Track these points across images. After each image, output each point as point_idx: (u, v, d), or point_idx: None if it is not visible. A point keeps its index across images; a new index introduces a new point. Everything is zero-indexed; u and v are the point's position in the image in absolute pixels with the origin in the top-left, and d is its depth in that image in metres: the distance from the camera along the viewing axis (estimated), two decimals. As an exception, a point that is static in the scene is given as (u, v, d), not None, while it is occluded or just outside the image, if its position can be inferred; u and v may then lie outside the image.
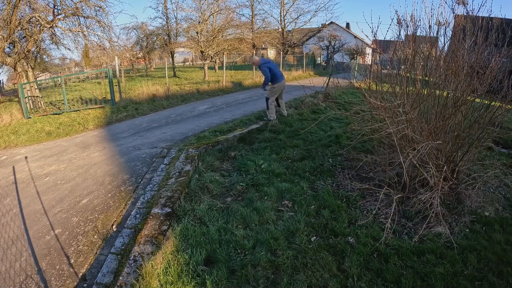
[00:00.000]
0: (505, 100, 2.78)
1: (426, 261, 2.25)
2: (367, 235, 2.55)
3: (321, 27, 26.47)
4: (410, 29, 3.15)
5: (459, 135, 2.89)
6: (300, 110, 7.44)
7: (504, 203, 3.07)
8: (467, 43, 2.91)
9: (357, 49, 24.09)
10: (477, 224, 2.70)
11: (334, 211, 2.93)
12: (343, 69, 7.64)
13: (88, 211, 3.36)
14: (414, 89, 2.98)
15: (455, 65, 2.68)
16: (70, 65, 29.48)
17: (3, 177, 4.58)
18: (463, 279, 2.07)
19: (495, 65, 2.71)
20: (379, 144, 3.83)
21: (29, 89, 9.46)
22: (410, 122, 2.85)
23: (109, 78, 9.75)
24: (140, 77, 20.96)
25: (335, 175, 3.75)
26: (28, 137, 7.07)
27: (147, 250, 2.46)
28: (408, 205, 2.87)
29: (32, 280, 2.37)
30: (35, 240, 2.90)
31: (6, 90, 20.26)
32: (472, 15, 3.06)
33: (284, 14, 24.18)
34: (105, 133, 6.99)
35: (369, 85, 3.12)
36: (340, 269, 2.21)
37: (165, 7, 20.72)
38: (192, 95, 11.62)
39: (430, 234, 2.54)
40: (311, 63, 22.89)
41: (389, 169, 3.28)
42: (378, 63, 3.87)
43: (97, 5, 10.17)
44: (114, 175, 4.31)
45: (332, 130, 5.72)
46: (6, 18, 8.66)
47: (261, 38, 22.76)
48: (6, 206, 3.63)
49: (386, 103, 3.04)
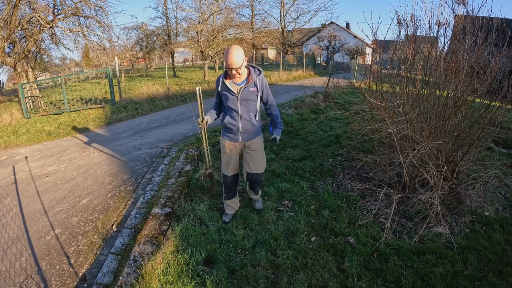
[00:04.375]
0: (505, 100, 2.78)
1: (426, 261, 2.25)
2: (367, 235, 2.55)
3: (321, 27, 26.48)
4: (410, 29, 3.15)
5: (459, 135, 2.89)
6: (300, 110, 7.44)
7: (504, 203, 3.07)
8: (467, 43, 2.91)
9: (357, 49, 24.09)
10: (477, 224, 2.70)
11: (334, 211, 2.93)
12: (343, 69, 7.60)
13: (88, 211, 3.36)
14: (414, 89, 2.98)
15: (455, 65, 2.68)
16: (70, 65, 29.48)
17: (3, 177, 4.57)
18: (463, 279, 2.07)
19: (495, 65, 2.70)
20: (379, 144, 3.83)
21: (29, 89, 9.46)
22: (410, 122, 2.85)
23: (109, 78, 9.75)
24: (140, 77, 20.95)
25: (335, 175, 3.75)
26: (28, 137, 7.07)
27: (147, 250, 2.46)
28: (408, 205, 2.86)
29: (32, 280, 2.37)
30: (35, 240, 2.90)
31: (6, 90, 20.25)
32: (472, 15, 3.06)
33: (284, 14, 24.19)
34: (105, 133, 6.99)
35: (369, 85, 3.11)
36: (340, 269, 2.21)
37: (165, 7, 20.74)
38: (192, 95, 11.62)
39: (430, 234, 2.54)
40: (311, 63, 22.88)
41: (389, 169, 3.28)
42: (378, 63, 3.87)
43: (97, 5, 10.18)
44: (114, 175, 4.31)
45: (332, 130, 5.71)
46: (6, 18, 8.65)
47: (261, 38, 22.77)
48: (6, 206, 3.63)
49: (386, 103, 3.04)
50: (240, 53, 2.30)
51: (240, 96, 2.46)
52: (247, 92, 2.46)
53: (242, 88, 2.45)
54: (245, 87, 2.45)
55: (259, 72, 2.53)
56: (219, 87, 2.51)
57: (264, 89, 2.56)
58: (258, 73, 2.52)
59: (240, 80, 2.46)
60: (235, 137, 2.62)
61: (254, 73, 2.49)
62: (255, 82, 2.48)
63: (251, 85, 2.46)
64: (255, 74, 2.50)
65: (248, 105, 2.51)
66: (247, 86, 2.45)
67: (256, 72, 2.52)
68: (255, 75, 2.48)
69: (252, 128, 2.60)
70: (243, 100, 2.48)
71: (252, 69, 2.51)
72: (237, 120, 2.54)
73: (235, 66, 2.30)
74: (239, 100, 2.47)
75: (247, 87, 2.45)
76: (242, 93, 2.45)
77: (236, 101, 2.48)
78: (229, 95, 2.48)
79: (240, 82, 2.47)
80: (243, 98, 2.47)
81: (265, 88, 2.56)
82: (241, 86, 2.45)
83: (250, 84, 2.45)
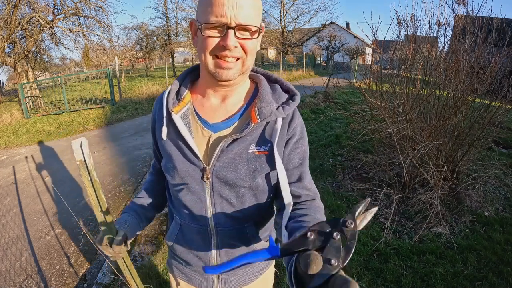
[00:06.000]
0: (505, 100, 2.78)
1: (426, 261, 2.25)
2: (367, 235, 2.55)
3: (321, 27, 26.48)
4: (410, 29, 3.16)
5: (459, 135, 2.89)
6: (300, 110, 7.43)
7: (504, 203, 3.07)
8: (467, 43, 2.91)
9: (357, 49, 24.10)
10: (477, 224, 2.70)
11: (334, 211, 2.93)
12: (343, 69, 7.60)
13: (88, 211, 3.36)
14: (414, 89, 2.98)
15: (455, 65, 2.68)
16: (70, 65, 29.47)
17: (3, 177, 4.57)
18: (463, 279, 2.07)
19: (495, 65, 2.70)
20: (379, 144, 3.83)
21: (29, 89, 9.46)
22: (410, 122, 2.85)
23: (109, 78, 9.75)
24: (140, 77, 20.96)
25: (335, 175, 3.75)
26: (28, 137, 7.06)
27: (147, 250, 2.46)
28: (408, 205, 2.86)
29: (32, 280, 2.37)
30: (35, 240, 2.90)
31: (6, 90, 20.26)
32: (472, 15, 3.06)
33: (284, 14, 24.19)
34: (105, 133, 6.99)
35: (369, 85, 3.11)
36: (340, 269, 2.21)
37: (165, 7, 20.74)
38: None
39: (430, 234, 2.54)
40: (311, 63, 22.89)
41: (389, 169, 3.28)
42: (378, 63, 3.87)
43: (97, 5, 10.18)
44: (114, 175, 4.31)
45: (332, 130, 5.72)
46: (6, 18, 8.65)
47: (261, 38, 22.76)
48: (6, 206, 3.63)
49: (386, 103, 3.04)
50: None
51: (214, 169, 0.76)
52: (238, 155, 0.75)
53: (224, 144, 0.74)
54: (235, 141, 0.75)
55: (287, 97, 0.81)
56: (155, 123, 0.85)
57: (295, 147, 0.81)
58: (285, 98, 0.80)
59: (226, 110, 0.79)
60: (200, 280, 0.93)
61: (269, 94, 0.79)
62: (268, 126, 0.77)
63: (255, 134, 0.76)
64: (274, 99, 0.78)
65: (242, 197, 0.79)
66: (242, 137, 0.75)
67: (280, 96, 0.80)
68: (271, 104, 0.76)
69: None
70: (223, 185, 0.77)
71: (265, 82, 0.81)
72: (206, 242, 0.85)
73: (241, 21, 0.64)
74: (209, 184, 0.77)
75: (242, 140, 0.75)
76: (220, 159, 0.75)
77: (202, 184, 0.78)
78: (181, 157, 0.78)
79: (227, 118, 0.78)
80: (223, 179, 0.77)
81: (297, 145, 0.82)
82: (222, 130, 0.78)
83: (251, 130, 0.75)
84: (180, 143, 0.77)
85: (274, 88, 0.82)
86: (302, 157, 0.83)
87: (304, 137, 0.84)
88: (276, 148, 0.75)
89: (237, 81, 0.74)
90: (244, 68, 0.71)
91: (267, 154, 0.76)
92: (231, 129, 0.77)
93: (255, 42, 0.70)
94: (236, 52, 0.67)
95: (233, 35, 0.64)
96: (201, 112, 0.80)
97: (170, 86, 0.81)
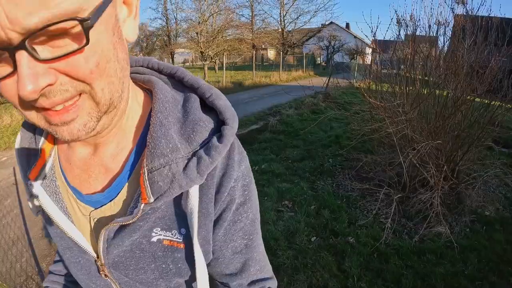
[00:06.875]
0: (505, 99, 2.78)
1: (427, 261, 2.24)
2: (367, 235, 2.55)
3: (321, 27, 26.48)
4: (409, 28, 3.16)
5: (459, 135, 2.89)
6: (300, 110, 7.44)
7: (504, 202, 3.07)
8: (467, 42, 2.91)
9: (357, 49, 24.11)
10: (477, 223, 2.70)
11: (334, 211, 2.93)
12: (343, 69, 7.62)
13: (88, 212, 3.37)
14: (414, 89, 2.98)
15: (455, 64, 2.68)
16: (70, 66, 29.49)
17: (3, 178, 4.58)
18: (463, 279, 2.07)
19: (494, 64, 2.71)
20: (379, 144, 3.83)
21: (30, 90, 9.46)
22: (410, 122, 2.85)
23: (109, 79, 9.75)
24: (140, 78, 20.94)
25: (335, 175, 3.75)
26: (29, 138, 7.07)
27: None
28: (408, 205, 2.86)
29: (32, 281, 2.37)
30: (35, 241, 2.90)
31: (7, 91, 20.26)
32: (471, 14, 3.06)
33: (283, 15, 24.20)
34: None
35: (369, 85, 3.12)
36: (340, 269, 2.21)
37: (165, 8, 20.79)
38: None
39: (430, 234, 2.54)
40: (311, 64, 22.91)
41: (389, 169, 3.28)
42: (378, 62, 3.87)
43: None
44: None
45: (332, 130, 5.72)
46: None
47: (261, 39, 22.79)
48: (7, 207, 3.63)
49: (385, 103, 3.04)
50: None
51: (110, 265, 0.47)
52: (136, 248, 0.45)
53: (108, 235, 0.44)
54: (124, 227, 0.43)
55: (212, 127, 0.42)
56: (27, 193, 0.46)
57: (234, 221, 0.47)
58: (209, 130, 0.42)
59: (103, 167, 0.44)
60: None
61: (173, 126, 0.41)
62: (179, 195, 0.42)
63: (157, 213, 0.43)
64: (184, 137, 0.41)
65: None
66: (134, 222, 0.42)
67: (196, 125, 0.41)
68: (174, 153, 0.40)
69: None
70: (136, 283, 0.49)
71: (164, 96, 0.43)
72: None
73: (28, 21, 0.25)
74: (114, 282, 0.49)
75: (135, 226, 0.43)
76: (110, 254, 0.46)
77: (105, 282, 0.50)
78: (64, 242, 0.49)
79: (107, 186, 0.44)
80: (128, 277, 0.48)
81: (238, 216, 0.48)
82: (104, 205, 0.44)
83: (146, 211, 0.42)
84: (54, 226, 0.48)
85: (186, 107, 0.43)
86: (249, 233, 0.49)
87: (250, 198, 0.48)
88: (195, 237, 0.43)
89: (103, 129, 0.38)
90: (102, 106, 0.34)
91: (183, 247, 0.45)
92: (117, 204, 0.44)
93: (96, 46, 0.30)
94: (58, 93, 0.30)
95: (27, 63, 0.27)
96: (69, 174, 0.46)
97: (19, 133, 0.49)
